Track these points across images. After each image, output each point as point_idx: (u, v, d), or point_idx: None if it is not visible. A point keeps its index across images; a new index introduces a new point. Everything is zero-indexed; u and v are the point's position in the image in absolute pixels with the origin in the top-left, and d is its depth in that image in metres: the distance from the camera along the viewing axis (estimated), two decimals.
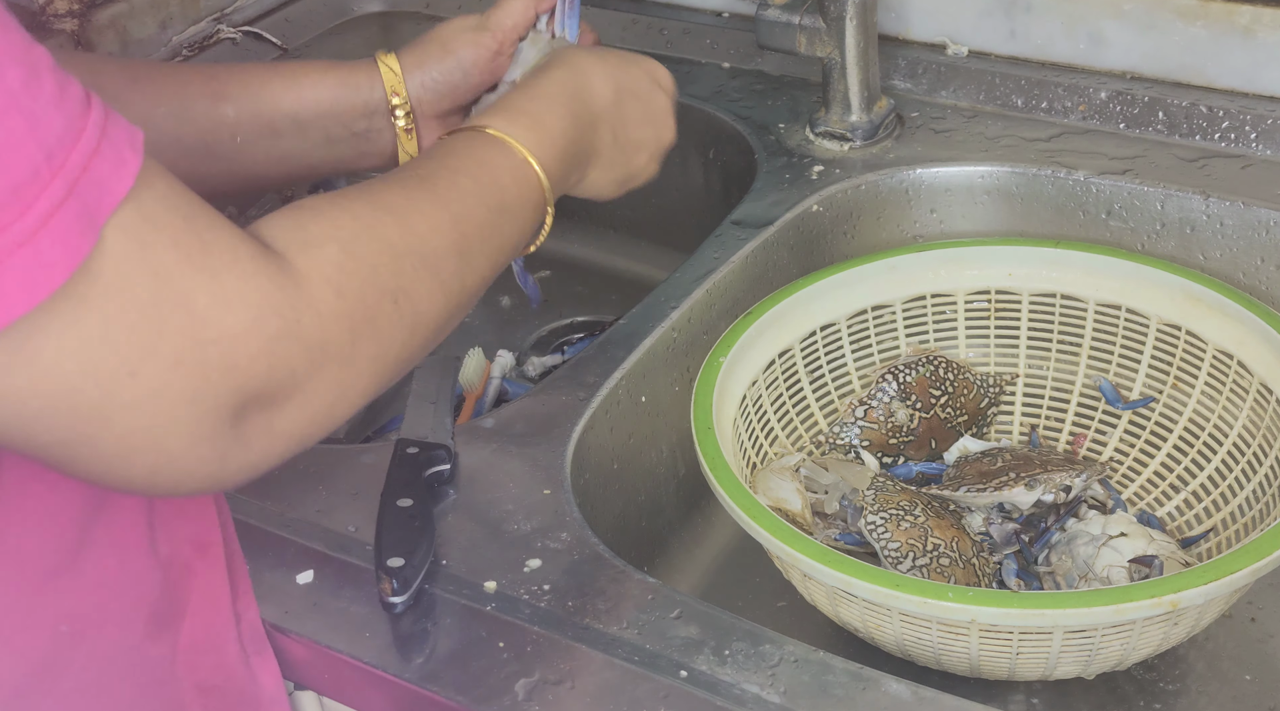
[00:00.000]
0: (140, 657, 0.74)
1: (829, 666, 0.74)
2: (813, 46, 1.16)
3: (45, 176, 0.51)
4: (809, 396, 1.03)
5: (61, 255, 0.52)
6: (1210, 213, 1.06)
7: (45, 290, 0.52)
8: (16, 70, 0.50)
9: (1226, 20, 1.11)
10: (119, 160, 0.54)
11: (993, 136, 1.17)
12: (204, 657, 0.78)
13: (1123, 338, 1.02)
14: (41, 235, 0.51)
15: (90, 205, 0.53)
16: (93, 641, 0.71)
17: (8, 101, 0.50)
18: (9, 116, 0.50)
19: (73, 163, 0.52)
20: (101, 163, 0.53)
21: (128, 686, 0.74)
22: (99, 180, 0.53)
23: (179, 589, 0.76)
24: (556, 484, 0.88)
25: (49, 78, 0.52)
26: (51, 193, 0.51)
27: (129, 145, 0.55)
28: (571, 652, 0.77)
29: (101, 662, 0.72)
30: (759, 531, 0.81)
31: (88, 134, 0.53)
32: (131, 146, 0.55)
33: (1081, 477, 0.95)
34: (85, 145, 0.52)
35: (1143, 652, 0.82)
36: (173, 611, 0.76)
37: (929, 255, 1.04)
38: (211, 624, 0.78)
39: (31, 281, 0.51)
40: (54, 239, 0.51)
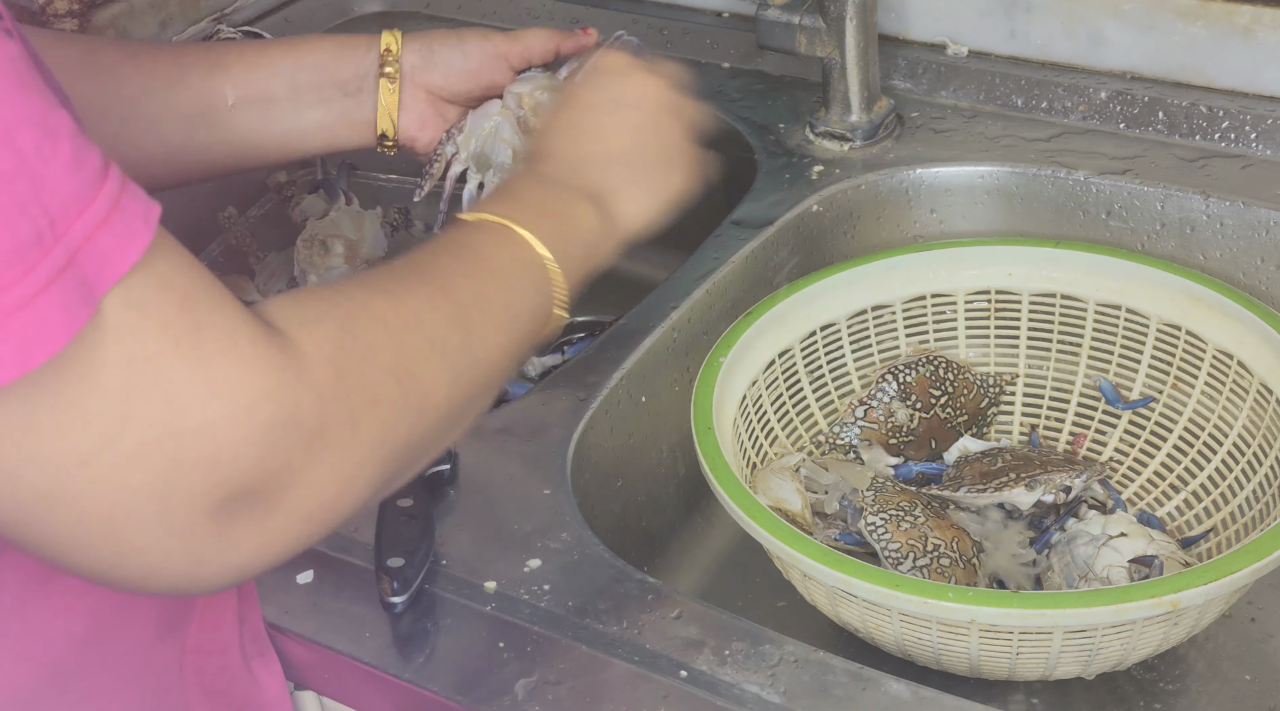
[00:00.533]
0: (150, 661, 0.74)
1: (829, 666, 0.74)
2: (813, 46, 1.16)
3: (48, 242, 0.49)
4: (809, 396, 1.03)
5: (57, 326, 0.49)
6: (1210, 213, 1.06)
7: (23, 366, 0.49)
8: (31, 133, 0.49)
9: (1226, 20, 1.11)
10: (129, 230, 0.52)
11: (993, 136, 1.17)
12: (209, 661, 0.78)
13: (1123, 337, 1.02)
14: (36, 304, 0.49)
15: (90, 276, 0.50)
16: (106, 645, 0.71)
17: (17, 167, 0.48)
18: (16, 183, 0.48)
19: (75, 232, 0.50)
20: (108, 234, 0.51)
21: (138, 691, 0.74)
22: (103, 250, 0.51)
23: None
24: (556, 484, 0.88)
25: (65, 143, 0.50)
26: (51, 260, 0.49)
27: (141, 219, 0.53)
28: (571, 652, 0.77)
29: (114, 667, 0.72)
30: (759, 531, 0.81)
31: (99, 201, 0.51)
32: (144, 221, 0.53)
33: (1081, 478, 0.95)
34: (95, 211, 0.51)
35: (1143, 652, 0.82)
36: (181, 613, 0.76)
37: (929, 255, 1.04)
38: (217, 626, 0.78)
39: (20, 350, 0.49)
40: (48, 310, 0.49)
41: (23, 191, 0.48)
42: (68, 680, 0.70)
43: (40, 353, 0.49)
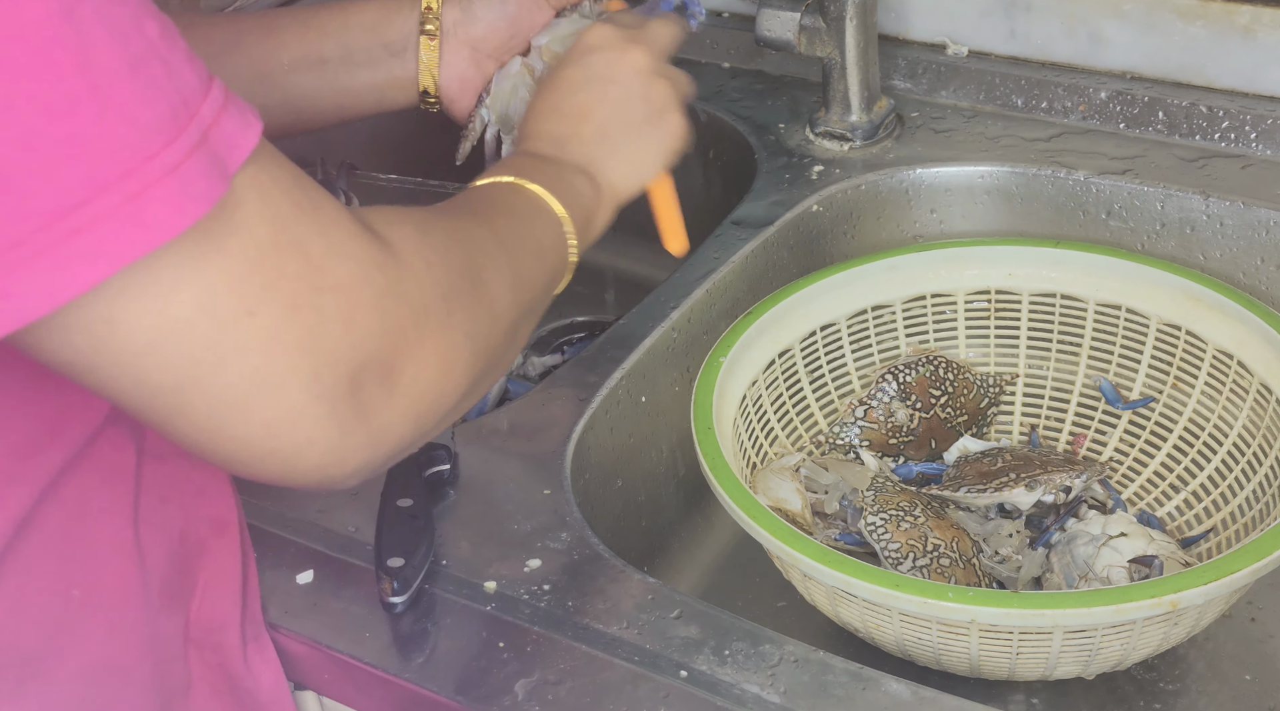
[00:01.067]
0: (154, 633, 0.75)
1: (829, 666, 0.74)
2: (813, 46, 1.16)
3: (183, 119, 0.52)
4: (809, 396, 1.03)
5: (201, 189, 0.52)
6: (1210, 213, 1.06)
7: (185, 221, 0.52)
8: (154, 23, 0.53)
9: (1226, 20, 1.11)
10: (244, 120, 0.55)
11: (993, 136, 1.17)
12: (209, 638, 0.78)
13: (1123, 338, 1.02)
14: (183, 168, 0.52)
15: (221, 152, 0.54)
16: (108, 610, 0.72)
17: (148, 49, 0.52)
18: (149, 63, 0.51)
19: (204, 112, 0.53)
20: (229, 119, 0.55)
21: (145, 661, 0.75)
22: (228, 134, 0.54)
23: (191, 565, 0.77)
24: (556, 484, 0.88)
25: (180, 40, 0.54)
26: (188, 135, 0.52)
27: (251, 112, 0.57)
28: (571, 652, 0.77)
29: (121, 635, 0.73)
30: (759, 531, 0.81)
31: (214, 93, 0.54)
32: (254, 114, 0.57)
33: (1081, 478, 0.95)
34: (214, 100, 0.54)
35: (1143, 652, 0.82)
36: (184, 587, 0.77)
37: (929, 255, 1.04)
38: (218, 606, 0.79)
39: (173, 211, 0.52)
40: (193, 174, 0.52)
41: (157, 71, 0.52)
42: (69, 643, 0.70)
43: (191, 212, 0.52)
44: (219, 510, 0.79)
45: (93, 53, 0.50)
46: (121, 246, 0.51)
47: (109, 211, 0.50)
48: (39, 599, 0.68)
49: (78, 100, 0.49)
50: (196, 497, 0.78)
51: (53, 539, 0.68)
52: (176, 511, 0.76)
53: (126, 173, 0.51)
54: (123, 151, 0.51)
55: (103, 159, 0.50)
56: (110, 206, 0.50)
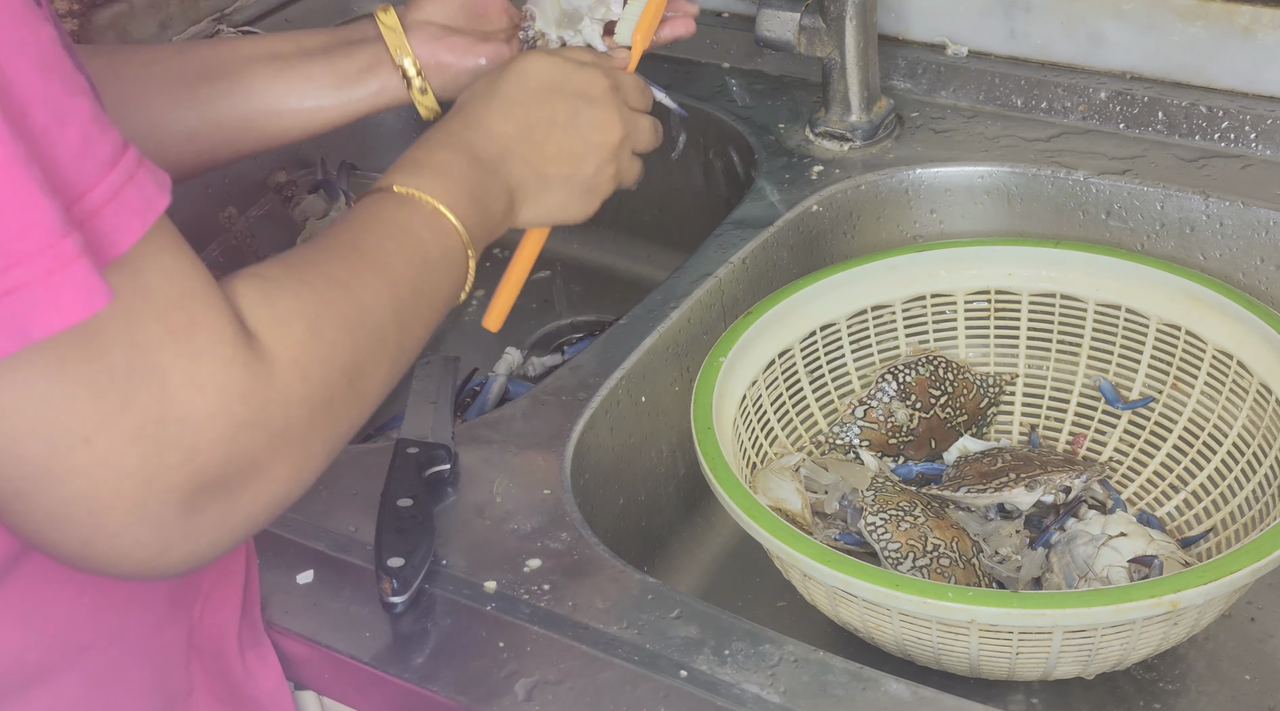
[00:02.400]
0: (159, 639, 0.75)
1: (829, 666, 0.74)
2: (812, 46, 1.16)
3: (69, 222, 0.51)
4: (809, 396, 1.03)
5: (75, 298, 0.51)
6: (1210, 213, 1.07)
7: (77, 315, 0.51)
8: (40, 114, 0.51)
9: (1226, 20, 1.11)
10: (120, 226, 0.54)
11: (992, 136, 1.17)
12: (209, 644, 0.78)
13: (1122, 338, 1.02)
14: (76, 266, 0.51)
15: (99, 262, 0.53)
16: (115, 619, 0.72)
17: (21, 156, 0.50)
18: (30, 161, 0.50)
19: (91, 201, 0.53)
20: (104, 221, 0.53)
21: (147, 669, 0.75)
22: (98, 236, 0.53)
23: (197, 572, 0.77)
24: (556, 484, 0.88)
25: (74, 130, 0.53)
26: (73, 238, 0.51)
27: (140, 212, 0.55)
28: (571, 652, 0.77)
29: (124, 642, 0.73)
30: (759, 531, 0.81)
31: (98, 191, 0.53)
32: (144, 213, 0.55)
33: (1081, 478, 0.95)
34: (88, 204, 0.53)
35: (1142, 652, 0.82)
36: (189, 594, 0.77)
37: (929, 255, 1.04)
38: (220, 612, 0.79)
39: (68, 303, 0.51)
40: (84, 274, 0.51)
41: (36, 170, 0.51)
42: (76, 652, 0.70)
43: (82, 309, 0.51)
44: None
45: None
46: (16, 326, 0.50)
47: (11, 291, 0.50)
48: (50, 608, 0.69)
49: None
50: None
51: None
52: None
53: (25, 259, 0.50)
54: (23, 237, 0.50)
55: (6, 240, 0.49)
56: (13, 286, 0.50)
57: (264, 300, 0.63)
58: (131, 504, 0.56)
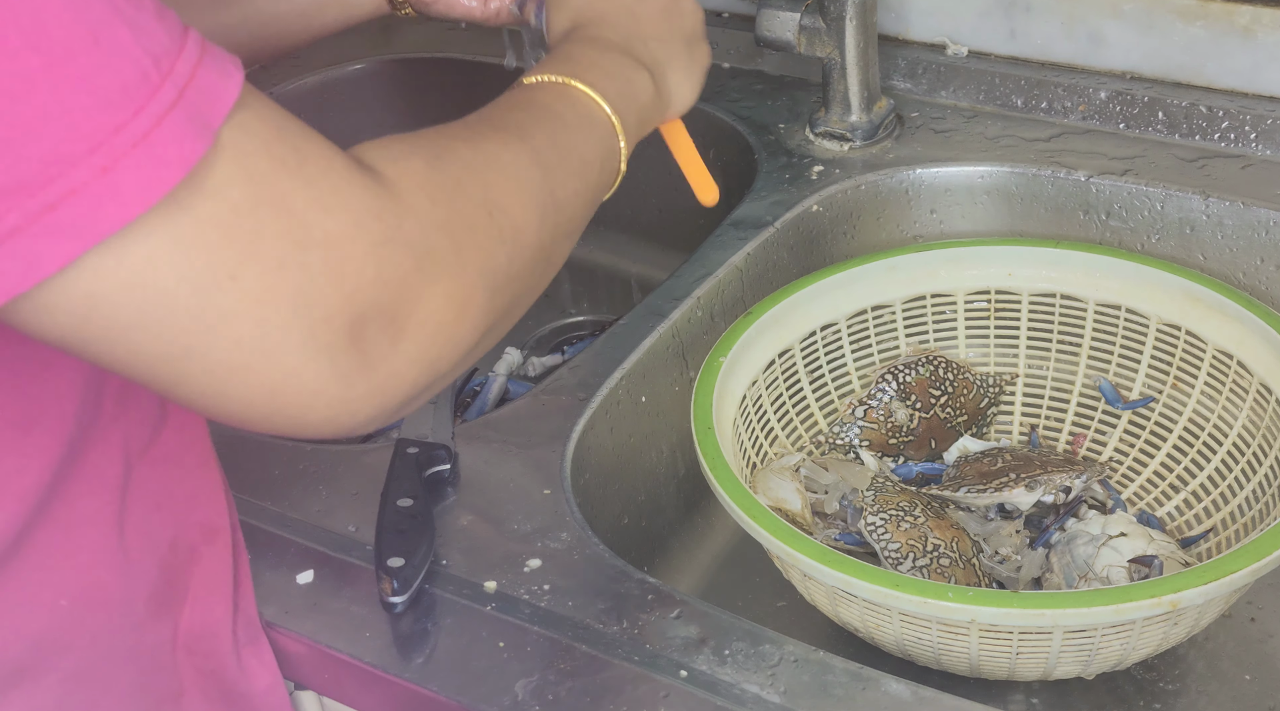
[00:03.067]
0: (141, 641, 0.75)
1: (829, 666, 0.74)
2: (812, 46, 1.16)
3: (154, 81, 0.51)
4: (809, 396, 1.03)
5: (175, 156, 0.52)
6: (1210, 213, 1.07)
7: (160, 190, 0.51)
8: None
9: (1226, 20, 1.11)
10: (223, 72, 0.54)
11: (992, 136, 1.17)
12: (200, 644, 0.78)
13: (1122, 338, 1.02)
14: (154, 136, 0.51)
15: (202, 110, 0.53)
16: (93, 620, 0.71)
17: (111, 13, 0.51)
18: (113, 28, 0.51)
19: (180, 70, 0.52)
20: (206, 73, 0.53)
21: (130, 670, 0.74)
22: (206, 88, 0.53)
23: (182, 573, 0.77)
24: (556, 484, 0.89)
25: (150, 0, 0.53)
26: (162, 96, 0.51)
27: (231, 62, 0.55)
28: (571, 652, 0.77)
29: (104, 643, 0.72)
30: (759, 531, 0.81)
31: (190, 47, 0.53)
32: (234, 63, 0.55)
33: (1081, 478, 0.95)
34: (189, 56, 0.53)
35: (1142, 652, 0.82)
36: (174, 594, 0.76)
37: (929, 255, 1.04)
38: (211, 612, 0.78)
39: (146, 181, 0.51)
40: (167, 140, 0.51)
41: (122, 35, 0.51)
42: (54, 654, 0.70)
43: (164, 181, 0.51)
44: (210, 516, 0.79)
45: (47, 27, 0.49)
46: (93, 222, 0.50)
47: (79, 187, 0.50)
48: (26, 610, 0.68)
49: (33, 77, 0.48)
50: (188, 504, 0.77)
51: (40, 551, 0.68)
52: (168, 518, 0.76)
53: (94, 146, 0.50)
54: (87, 125, 0.50)
55: (67, 134, 0.49)
56: (80, 182, 0.50)
57: (378, 145, 0.63)
58: (300, 335, 0.56)
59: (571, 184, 0.72)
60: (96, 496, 0.70)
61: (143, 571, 0.74)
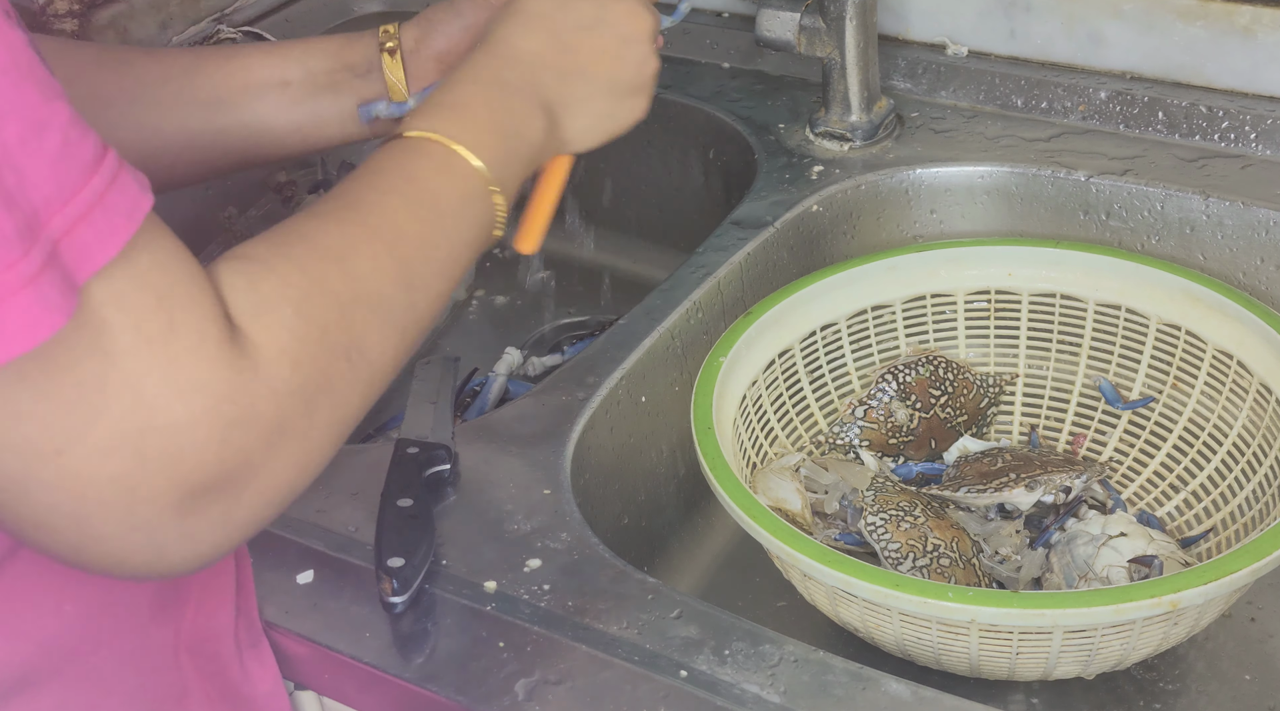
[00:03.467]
0: (146, 643, 0.75)
1: (829, 666, 0.74)
2: (813, 46, 1.16)
3: (28, 239, 0.50)
4: (809, 396, 1.03)
5: (43, 315, 0.50)
6: (1210, 213, 1.07)
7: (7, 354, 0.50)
8: (18, 126, 0.50)
9: (1226, 20, 1.11)
10: (108, 229, 0.53)
11: (992, 136, 1.17)
12: (204, 646, 0.78)
13: (1122, 338, 1.02)
14: (16, 300, 0.50)
15: (71, 271, 0.52)
16: (98, 624, 0.71)
17: (2, 158, 0.50)
18: (3, 172, 0.49)
19: (55, 225, 0.51)
20: (87, 229, 0.52)
21: (134, 672, 0.74)
22: (82, 246, 0.52)
23: (183, 577, 0.76)
24: (556, 484, 0.88)
25: (54, 136, 0.51)
26: (34, 254, 0.50)
27: (125, 214, 0.54)
28: (571, 652, 0.77)
29: (109, 646, 0.72)
30: (759, 531, 0.81)
31: (80, 198, 0.52)
32: (128, 216, 0.54)
33: (1081, 479, 0.95)
34: (74, 210, 0.52)
35: (1142, 652, 0.82)
36: (178, 597, 0.76)
37: (929, 255, 1.04)
38: (214, 614, 0.78)
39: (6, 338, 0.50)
40: (26, 305, 0.50)
41: (10, 182, 0.50)
42: (60, 659, 0.70)
43: (25, 341, 0.50)
44: None
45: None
46: None
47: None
48: (33, 615, 0.68)
49: None
50: None
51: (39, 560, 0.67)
52: None
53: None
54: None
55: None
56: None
57: (248, 287, 0.61)
58: (118, 512, 0.55)
59: (436, 287, 0.71)
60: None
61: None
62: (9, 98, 0.50)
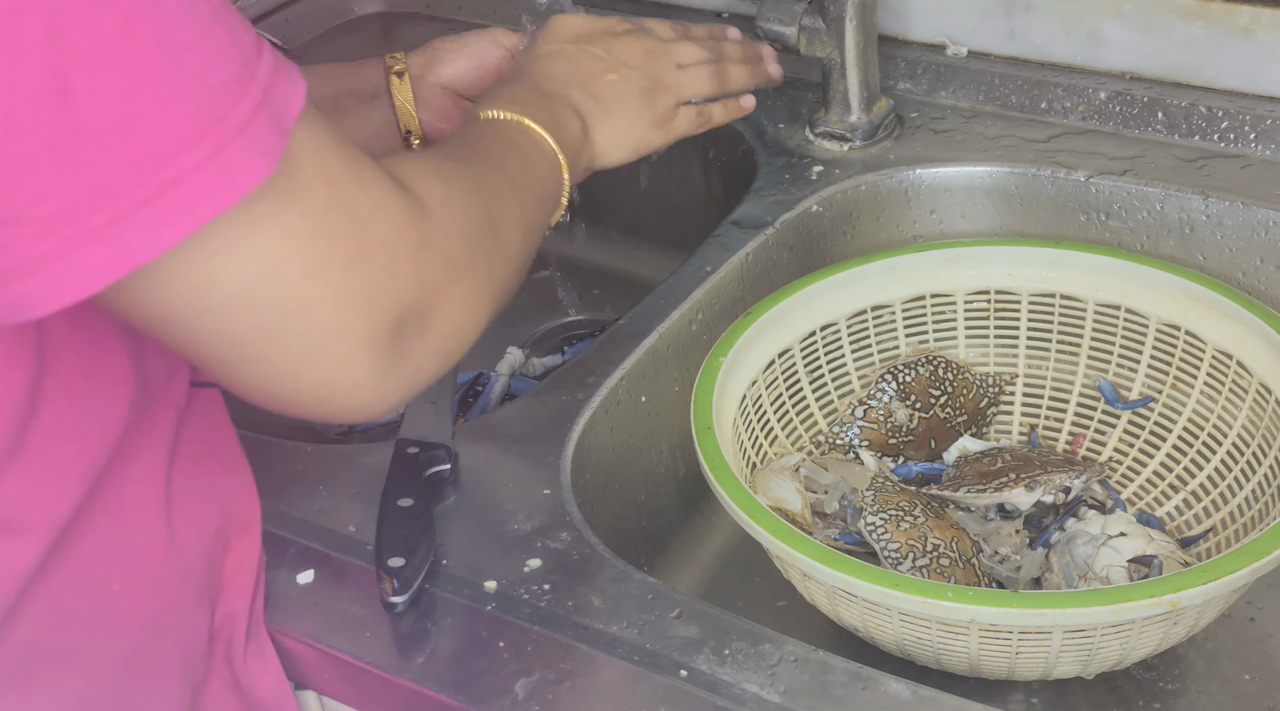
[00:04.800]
0: (187, 628, 0.77)
1: (829, 666, 0.74)
2: (812, 47, 1.16)
3: (245, 80, 0.55)
4: (809, 396, 1.03)
5: (268, 145, 0.56)
6: (1209, 213, 1.07)
7: (260, 176, 0.55)
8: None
9: (1226, 20, 1.11)
10: (294, 79, 0.58)
11: (992, 137, 1.17)
12: (223, 632, 0.79)
13: (1122, 338, 1.02)
14: (251, 127, 0.55)
15: (279, 110, 0.57)
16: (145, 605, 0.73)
17: (213, 16, 0.55)
18: (215, 30, 0.55)
19: (262, 73, 0.56)
20: (282, 78, 0.58)
21: (175, 657, 0.76)
22: (283, 93, 0.57)
23: (220, 563, 0.79)
24: (556, 484, 0.89)
25: (232, 9, 0.57)
26: (252, 94, 0.55)
27: (296, 70, 0.59)
28: (571, 652, 0.77)
29: (157, 629, 0.74)
30: (759, 531, 0.81)
31: (266, 53, 0.57)
32: (298, 72, 0.59)
33: (1081, 479, 0.95)
34: (267, 61, 0.57)
35: (1142, 652, 0.82)
36: (214, 584, 0.78)
37: (929, 255, 1.04)
38: (236, 605, 0.80)
39: (249, 166, 0.55)
40: (260, 131, 0.55)
41: (222, 37, 0.55)
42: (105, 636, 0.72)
43: (263, 166, 0.56)
44: (243, 510, 0.81)
45: (168, 22, 0.53)
46: (211, 197, 0.54)
47: (195, 166, 0.53)
48: (82, 593, 0.70)
49: (158, 66, 0.53)
50: (227, 498, 0.79)
51: (94, 533, 0.69)
52: (214, 509, 0.78)
53: (204, 131, 0.54)
54: (199, 112, 0.54)
55: (183, 119, 0.53)
56: (195, 162, 0.53)
57: (398, 163, 0.68)
58: (357, 331, 0.61)
59: (535, 207, 0.81)
60: (144, 484, 0.73)
61: (190, 560, 0.76)
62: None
